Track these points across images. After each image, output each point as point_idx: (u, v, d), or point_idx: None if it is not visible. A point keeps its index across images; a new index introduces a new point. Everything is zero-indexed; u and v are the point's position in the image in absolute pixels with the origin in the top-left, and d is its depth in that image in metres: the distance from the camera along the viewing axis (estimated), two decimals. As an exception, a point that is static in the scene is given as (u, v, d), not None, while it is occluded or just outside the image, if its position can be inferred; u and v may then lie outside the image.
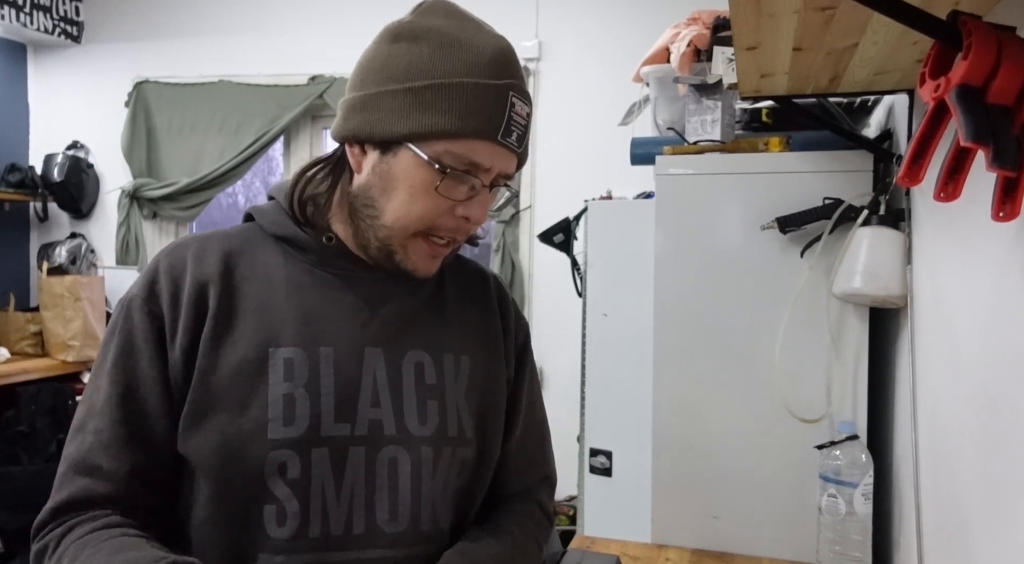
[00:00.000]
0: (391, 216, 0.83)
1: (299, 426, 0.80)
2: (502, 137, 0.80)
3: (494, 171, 0.83)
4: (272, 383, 0.80)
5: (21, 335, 3.39)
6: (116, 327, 0.83)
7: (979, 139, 0.61)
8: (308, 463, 0.80)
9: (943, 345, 1.09)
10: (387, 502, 0.83)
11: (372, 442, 0.82)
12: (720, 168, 1.48)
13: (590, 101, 3.18)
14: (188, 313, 0.81)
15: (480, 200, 0.83)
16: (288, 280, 0.85)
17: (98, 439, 0.79)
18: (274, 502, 0.79)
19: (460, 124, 0.78)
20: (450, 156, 0.80)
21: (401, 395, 0.85)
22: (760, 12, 0.91)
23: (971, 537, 0.93)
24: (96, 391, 0.82)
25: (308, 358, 0.82)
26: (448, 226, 0.84)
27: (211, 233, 0.89)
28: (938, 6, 0.75)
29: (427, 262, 0.86)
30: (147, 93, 3.73)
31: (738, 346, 1.46)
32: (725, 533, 1.46)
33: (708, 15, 1.76)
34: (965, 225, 0.98)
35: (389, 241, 0.84)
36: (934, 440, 1.11)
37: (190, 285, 0.82)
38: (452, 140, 0.79)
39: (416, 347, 0.88)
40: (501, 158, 0.82)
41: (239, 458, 0.79)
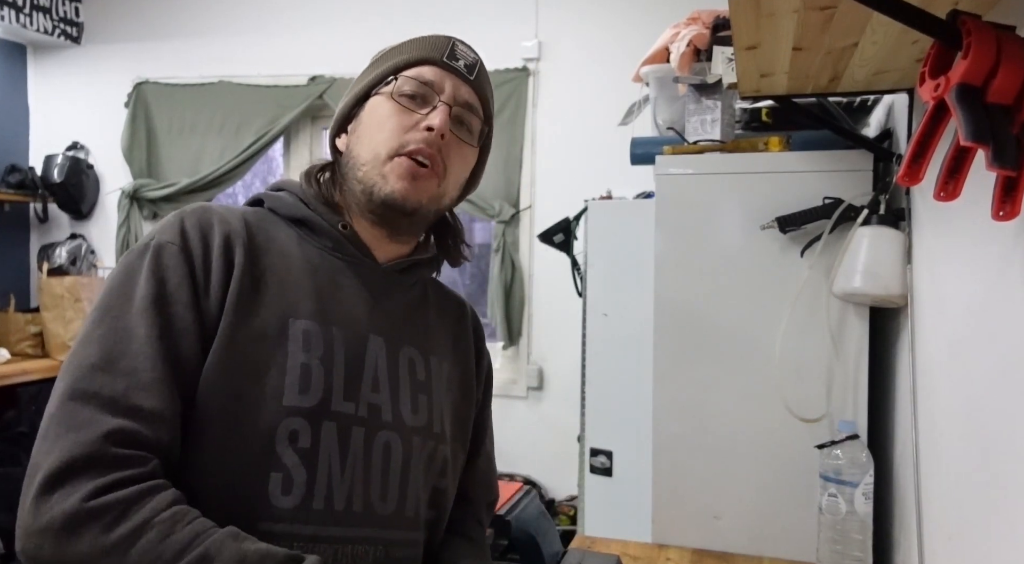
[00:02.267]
0: (367, 151, 0.89)
1: (313, 396, 0.81)
2: (447, 59, 0.90)
3: (448, 91, 0.90)
4: (291, 351, 0.81)
5: (21, 336, 3.39)
6: (140, 270, 0.79)
7: (979, 138, 0.61)
8: (318, 435, 0.81)
9: (943, 345, 1.09)
10: (379, 484, 0.85)
11: (371, 424, 0.85)
12: (720, 168, 1.48)
13: (590, 101, 3.19)
14: (218, 267, 0.81)
15: (439, 112, 0.88)
16: (303, 258, 0.88)
17: (136, 379, 0.74)
18: (281, 470, 0.79)
19: (406, 57, 0.91)
20: (403, 82, 0.89)
21: (398, 385, 0.89)
22: (760, 12, 0.91)
23: (971, 536, 0.93)
24: (119, 333, 0.76)
25: (323, 333, 0.84)
26: (415, 138, 0.87)
27: (225, 206, 0.90)
28: (938, 6, 0.75)
29: (407, 183, 0.87)
30: (147, 94, 3.74)
31: (738, 346, 1.46)
32: (726, 533, 1.46)
33: (708, 15, 1.76)
34: (965, 224, 0.98)
35: (369, 176, 0.88)
36: (934, 439, 1.11)
37: (219, 241, 0.83)
38: (403, 71, 0.90)
39: (410, 344, 0.93)
40: (451, 80, 0.90)
41: (251, 419, 0.78)
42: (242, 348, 0.80)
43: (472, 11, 3.34)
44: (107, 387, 0.72)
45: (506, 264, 3.25)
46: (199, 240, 0.82)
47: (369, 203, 0.89)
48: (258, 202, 0.95)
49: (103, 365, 0.74)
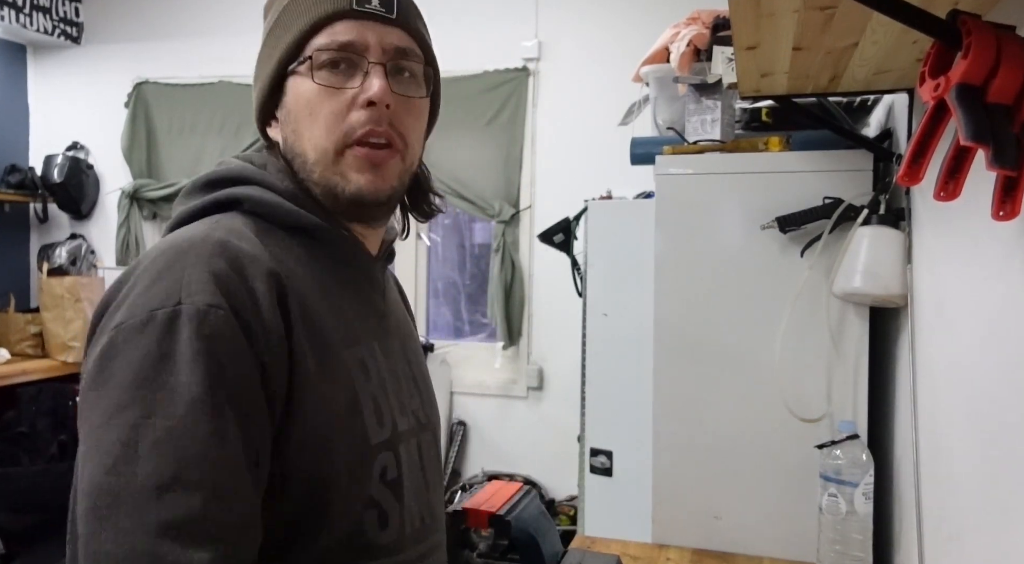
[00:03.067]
0: (310, 147, 0.75)
1: (387, 426, 0.77)
2: (357, 5, 0.74)
3: (373, 46, 0.74)
4: (358, 385, 0.74)
5: (21, 336, 3.39)
6: (175, 348, 0.61)
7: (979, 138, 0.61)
8: (399, 461, 0.78)
9: (943, 344, 1.09)
10: (436, 489, 0.85)
11: (419, 431, 0.84)
12: (720, 168, 1.48)
13: (590, 101, 3.19)
14: (274, 314, 0.67)
15: (374, 77, 0.74)
16: (322, 277, 0.77)
17: (212, 492, 0.59)
18: (374, 507, 0.74)
19: (309, 16, 0.74)
20: (319, 51, 0.74)
21: (417, 384, 0.87)
22: (760, 12, 0.91)
23: (971, 536, 0.93)
24: (176, 434, 0.59)
25: (372, 355, 0.79)
26: (359, 120, 0.74)
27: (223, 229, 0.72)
28: (938, 5, 0.75)
29: (369, 175, 0.75)
30: (147, 94, 3.74)
31: (738, 346, 1.46)
32: (726, 533, 1.46)
33: (708, 15, 1.76)
34: (965, 224, 0.98)
35: (325, 175, 0.76)
36: (934, 439, 1.11)
37: (264, 282, 0.68)
38: (314, 37, 0.74)
39: (409, 337, 0.90)
40: (372, 30, 0.74)
41: (350, 468, 0.72)
42: (327, 396, 0.70)
43: (472, 11, 3.34)
44: (178, 510, 0.58)
45: (506, 264, 3.25)
46: (242, 286, 0.66)
47: (336, 204, 0.77)
48: (228, 204, 0.76)
49: (166, 483, 0.58)
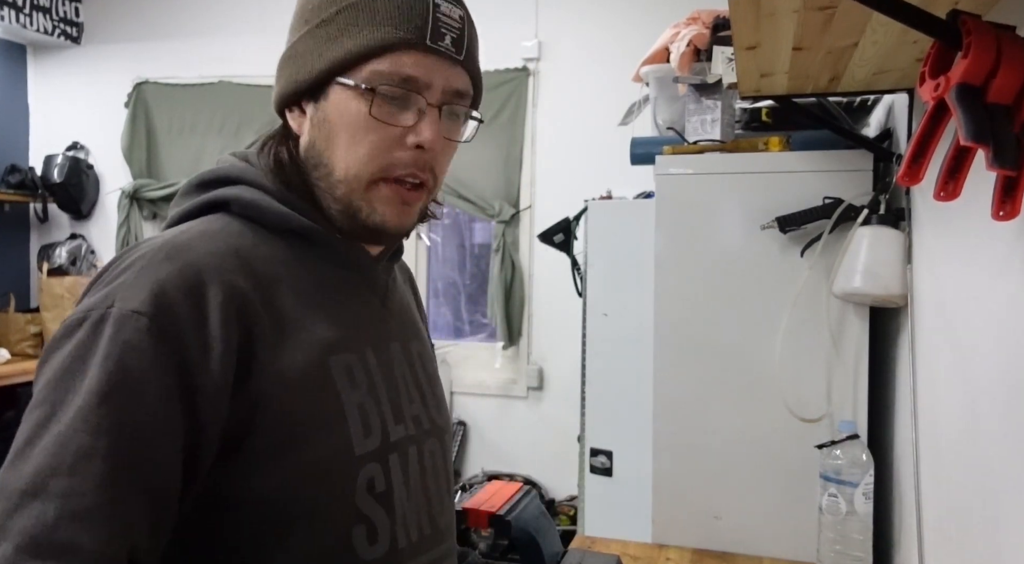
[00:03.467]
0: (341, 167, 0.73)
1: (375, 435, 0.74)
2: (431, 41, 0.71)
3: (436, 86, 0.72)
4: (343, 394, 0.72)
5: (21, 336, 3.40)
6: (92, 351, 0.60)
7: (979, 138, 0.61)
8: (388, 472, 0.74)
9: (943, 344, 1.09)
10: (437, 496, 0.81)
11: (419, 438, 0.80)
12: (720, 168, 1.48)
13: (590, 101, 3.19)
14: (225, 331, 0.64)
15: (429, 122, 0.72)
16: (310, 279, 0.75)
17: (68, 506, 0.56)
18: (363, 521, 0.71)
19: (379, 36, 0.70)
20: (379, 77, 0.70)
21: (421, 386, 0.84)
22: (760, 12, 0.91)
23: (971, 536, 0.93)
24: (59, 439, 0.58)
25: (361, 361, 0.75)
26: (403, 161, 0.73)
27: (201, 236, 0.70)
28: (938, 5, 0.75)
29: (397, 210, 0.74)
30: (147, 94, 3.74)
31: (738, 346, 1.46)
32: (726, 533, 1.46)
33: (708, 15, 1.76)
34: (965, 224, 0.98)
35: (350, 197, 0.74)
36: (934, 439, 1.11)
37: (220, 298, 0.65)
38: (377, 59, 0.70)
39: (412, 338, 0.86)
40: (438, 69, 0.72)
41: (332, 482, 0.69)
42: (294, 406, 0.68)
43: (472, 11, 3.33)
44: (28, 522, 0.55)
45: (506, 264, 3.25)
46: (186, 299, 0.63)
47: (352, 223, 0.75)
48: (214, 206, 0.75)
49: (29, 488, 0.56)
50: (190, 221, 0.74)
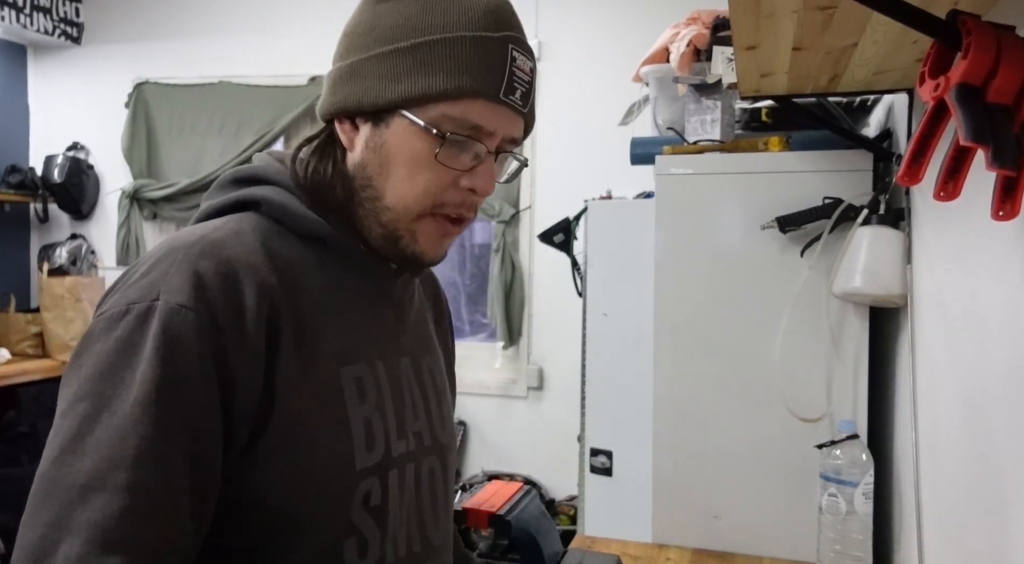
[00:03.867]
0: (393, 196, 0.74)
1: (378, 450, 0.74)
2: (504, 95, 0.72)
3: (498, 135, 0.74)
4: (350, 406, 0.72)
5: (22, 336, 3.40)
6: (140, 344, 0.61)
7: (979, 138, 0.61)
8: (386, 487, 0.74)
9: (943, 344, 1.09)
10: (431, 515, 0.81)
11: (419, 455, 0.80)
12: (720, 168, 1.48)
13: (590, 101, 3.19)
14: (258, 327, 0.66)
15: (485, 168, 0.74)
16: (330, 287, 0.76)
17: (134, 500, 0.57)
18: (355, 534, 0.72)
19: (456, 83, 0.70)
20: (448, 121, 0.71)
21: (428, 404, 0.83)
22: (760, 12, 0.91)
23: (971, 536, 0.93)
24: (118, 431, 0.58)
25: (372, 374, 0.76)
26: (454, 200, 0.74)
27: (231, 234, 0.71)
28: (937, 5, 0.75)
29: (437, 244, 0.77)
30: (147, 94, 3.74)
31: (738, 346, 1.46)
32: (726, 532, 1.46)
33: (708, 15, 1.76)
34: (965, 224, 0.98)
35: (395, 225, 0.75)
36: (934, 439, 1.11)
37: (254, 292, 0.67)
38: (449, 102, 0.71)
39: (425, 352, 0.86)
40: (505, 120, 0.73)
41: (328, 492, 0.70)
42: (303, 412, 0.68)
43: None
44: (94, 515, 0.57)
45: (506, 264, 3.25)
46: (225, 292, 0.65)
47: (390, 248, 0.77)
48: (245, 205, 0.76)
49: (90, 482, 0.58)
50: (222, 217, 0.75)
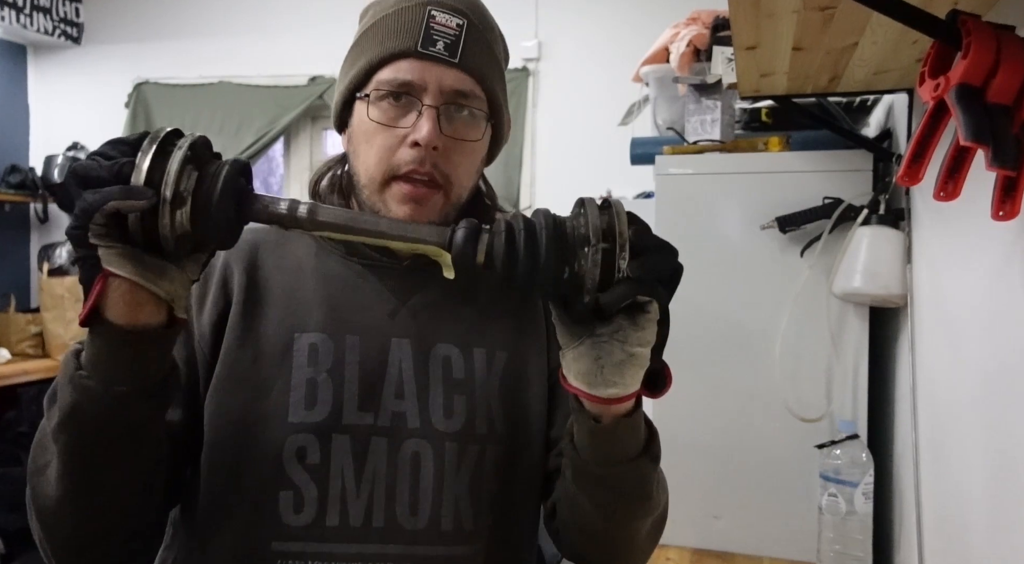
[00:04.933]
0: (363, 172, 0.82)
1: (320, 411, 0.79)
2: (422, 47, 0.79)
3: (431, 88, 0.79)
4: (296, 367, 0.80)
5: (22, 336, 3.39)
6: None
7: (979, 138, 0.61)
8: (328, 449, 0.78)
9: (943, 344, 1.09)
10: (407, 497, 0.80)
11: (395, 434, 0.81)
12: (720, 168, 1.48)
13: (590, 101, 3.18)
14: (216, 291, 0.82)
15: (424, 120, 0.79)
16: (317, 269, 0.86)
17: None
18: (291, 488, 0.77)
19: (378, 50, 0.80)
20: (382, 85, 0.80)
21: (427, 388, 0.83)
22: (759, 12, 0.91)
23: (971, 536, 0.93)
24: None
25: (334, 344, 0.81)
26: (406, 158, 0.79)
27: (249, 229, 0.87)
28: (937, 5, 0.75)
29: (408, 206, 0.80)
30: (147, 94, 3.74)
31: (738, 346, 1.46)
32: (726, 532, 1.46)
33: (707, 15, 1.76)
34: (965, 224, 0.98)
35: (371, 200, 0.82)
36: (934, 439, 1.11)
37: (219, 269, 0.84)
38: (380, 71, 0.80)
39: (446, 340, 0.86)
40: (431, 71, 0.79)
41: (257, 439, 0.78)
42: (243, 370, 0.80)
43: (472, 11, 3.34)
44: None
45: (506, 264, 3.25)
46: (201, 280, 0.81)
47: None
48: None
49: None
50: None
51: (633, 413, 0.71)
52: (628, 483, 0.74)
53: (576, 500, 0.78)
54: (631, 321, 0.63)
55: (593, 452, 0.72)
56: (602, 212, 0.62)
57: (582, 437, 0.72)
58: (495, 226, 0.63)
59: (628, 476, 0.74)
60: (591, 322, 0.64)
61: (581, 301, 0.62)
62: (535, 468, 0.88)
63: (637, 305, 0.62)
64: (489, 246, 0.62)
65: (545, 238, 0.61)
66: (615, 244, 0.61)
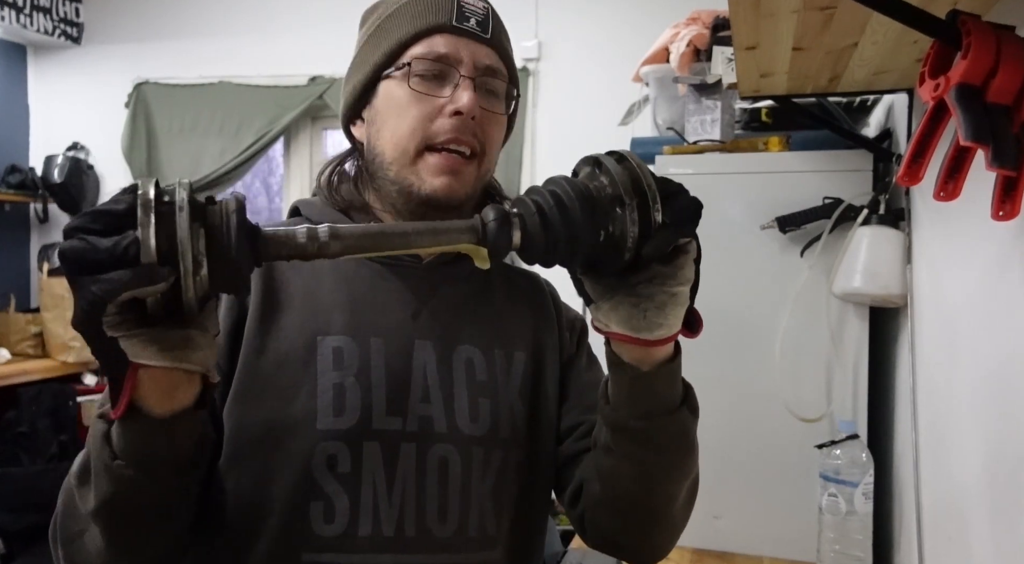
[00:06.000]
0: (391, 146, 0.81)
1: (350, 417, 0.76)
2: (457, 22, 0.80)
3: (467, 61, 0.80)
4: (321, 371, 0.77)
5: (22, 336, 3.39)
6: None
7: (979, 138, 0.61)
8: (360, 457, 0.76)
9: (943, 344, 1.09)
10: (437, 504, 0.78)
11: (423, 439, 0.79)
12: (720, 168, 1.48)
13: (590, 101, 3.18)
14: (230, 298, 0.79)
15: (463, 89, 0.79)
16: (335, 269, 0.83)
17: None
18: (321, 498, 0.75)
19: (411, 27, 0.81)
20: (416, 61, 0.80)
21: (452, 392, 0.81)
22: (759, 12, 0.91)
23: (971, 536, 0.93)
24: None
25: (358, 347, 0.79)
26: (444, 128, 0.79)
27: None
28: (937, 5, 0.75)
29: (444, 177, 0.80)
30: (147, 94, 3.74)
31: (738, 345, 1.46)
32: (726, 532, 1.46)
33: (707, 15, 1.76)
34: (965, 224, 0.98)
35: (402, 174, 0.80)
36: (934, 439, 1.11)
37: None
38: (413, 46, 0.81)
39: (467, 342, 0.84)
40: (467, 47, 0.81)
41: (285, 448, 0.75)
42: (267, 374, 0.77)
43: (472, 11, 3.34)
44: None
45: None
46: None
47: (408, 203, 0.82)
48: (296, 211, 0.90)
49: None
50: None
51: (673, 360, 0.73)
52: (670, 435, 0.75)
53: (613, 469, 0.76)
54: (669, 264, 0.65)
55: (634, 406, 0.71)
56: (622, 167, 0.62)
57: (621, 391, 0.71)
58: (522, 207, 0.62)
59: (670, 428, 0.74)
60: (625, 273, 0.65)
61: (620, 258, 0.62)
62: (549, 468, 0.88)
63: (676, 247, 0.65)
64: (523, 229, 0.61)
65: (580, 209, 0.60)
66: (647, 198, 0.61)
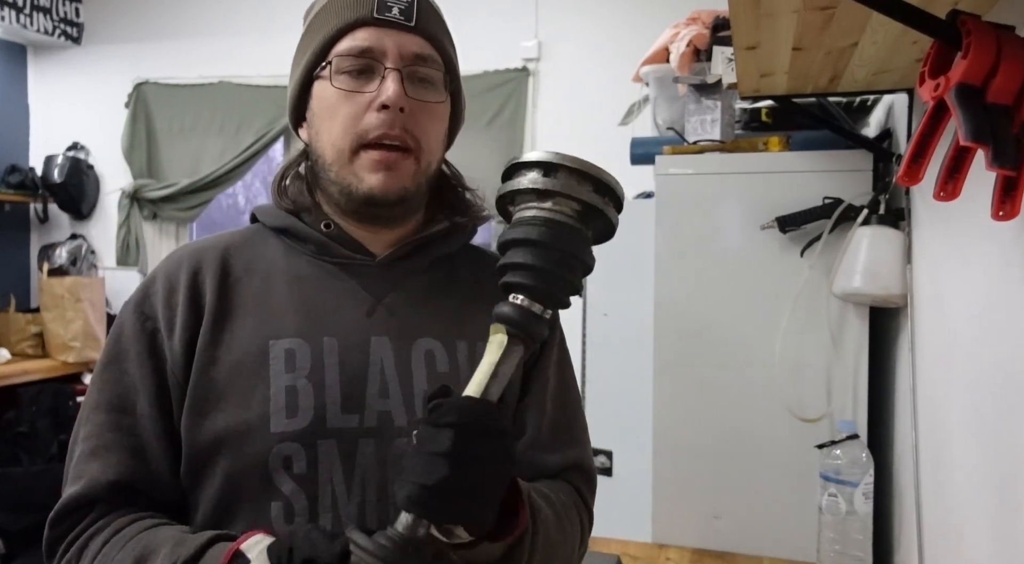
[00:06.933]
0: (328, 148, 0.81)
1: (303, 418, 0.77)
2: (377, 13, 0.79)
3: (391, 52, 0.79)
4: (273, 375, 0.77)
5: (22, 336, 3.39)
6: (109, 335, 0.83)
7: (979, 138, 0.61)
8: (315, 456, 0.76)
9: (943, 344, 1.09)
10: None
11: (382, 434, 0.79)
12: (720, 168, 1.48)
13: (590, 101, 3.18)
14: (185, 310, 0.80)
15: (389, 82, 0.78)
16: (287, 271, 0.83)
17: (86, 447, 0.78)
18: (280, 498, 0.76)
19: (333, 24, 0.80)
20: (339, 58, 0.80)
21: (412, 385, 0.81)
22: (760, 12, 0.91)
23: (971, 536, 0.93)
24: (86, 398, 0.81)
25: (311, 349, 0.79)
26: (374, 123, 0.78)
27: (212, 236, 0.87)
28: (937, 5, 0.75)
29: (379, 174, 0.79)
30: (147, 94, 3.74)
31: (738, 346, 1.46)
32: (726, 532, 1.46)
33: (708, 15, 1.76)
34: (965, 224, 0.98)
35: (341, 175, 0.81)
36: (934, 439, 1.11)
37: (185, 284, 0.81)
38: (338, 44, 0.80)
39: (426, 334, 0.84)
40: (390, 37, 0.79)
41: (242, 453, 0.76)
42: (221, 381, 0.78)
43: (472, 11, 3.33)
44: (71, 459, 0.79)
45: (506, 264, 3.25)
46: (164, 287, 0.81)
47: (349, 203, 0.82)
48: (254, 217, 0.91)
49: (74, 438, 0.81)
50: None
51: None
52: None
53: None
54: None
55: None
56: None
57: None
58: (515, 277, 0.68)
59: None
60: None
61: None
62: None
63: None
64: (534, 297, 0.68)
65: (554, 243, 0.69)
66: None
